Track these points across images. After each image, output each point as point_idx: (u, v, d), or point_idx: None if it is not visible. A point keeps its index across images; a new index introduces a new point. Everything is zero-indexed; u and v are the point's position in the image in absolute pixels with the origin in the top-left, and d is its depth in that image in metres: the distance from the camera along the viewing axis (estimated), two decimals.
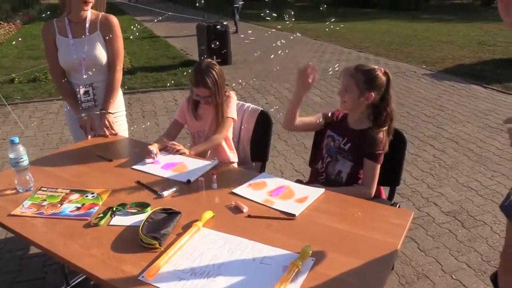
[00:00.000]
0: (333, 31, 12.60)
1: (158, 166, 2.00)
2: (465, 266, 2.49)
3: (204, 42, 7.78)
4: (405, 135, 2.12)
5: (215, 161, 2.03)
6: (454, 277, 2.40)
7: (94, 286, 2.40)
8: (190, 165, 2.00)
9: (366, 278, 1.26)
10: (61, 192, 1.76)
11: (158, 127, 4.90)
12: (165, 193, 1.73)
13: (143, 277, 1.25)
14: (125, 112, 2.62)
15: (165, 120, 5.10)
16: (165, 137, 2.28)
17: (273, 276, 1.24)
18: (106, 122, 2.36)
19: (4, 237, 2.80)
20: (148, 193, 1.76)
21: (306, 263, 1.29)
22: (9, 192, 1.78)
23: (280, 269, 1.27)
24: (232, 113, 2.32)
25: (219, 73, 2.22)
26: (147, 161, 2.04)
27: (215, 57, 7.70)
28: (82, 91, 2.37)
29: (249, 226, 1.51)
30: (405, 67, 7.84)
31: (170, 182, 1.84)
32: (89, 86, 2.38)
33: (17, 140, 1.76)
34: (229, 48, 8.16)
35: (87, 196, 1.72)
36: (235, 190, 1.75)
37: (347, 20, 15.24)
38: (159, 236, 1.39)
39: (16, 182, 1.79)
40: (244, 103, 2.55)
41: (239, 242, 1.41)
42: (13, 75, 6.98)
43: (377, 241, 1.41)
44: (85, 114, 2.36)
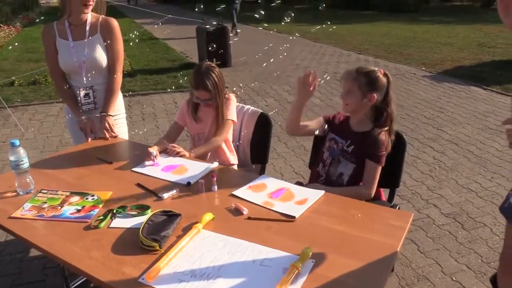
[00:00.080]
0: (332, 33, 12.63)
1: (158, 168, 2.01)
2: (465, 267, 2.49)
3: (204, 44, 7.79)
4: (405, 137, 2.13)
5: (215, 163, 2.03)
6: (454, 278, 2.40)
7: None
8: (190, 167, 2.01)
9: (366, 280, 1.26)
10: (61, 195, 1.76)
11: (158, 129, 4.91)
12: (165, 195, 1.73)
13: (143, 279, 1.25)
14: (125, 115, 2.63)
15: (165, 122, 5.10)
16: (165, 140, 2.28)
17: (273, 278, 1.24)
18: (106, 124, 2.37)
19: (4, 239, 2.80)
20: (148, 195, 1.76)
21: (306, 265, 1.29)
22: (9, 194, 1.78)
23: (280, 271, 1.27)
24: (232, 115, 2.33)
25: (219, 75, 2.23)
26: (147, 163, 2.04)
27: (214, 59, 7.73)
28: (82, 93, 2.37)
29: (249, 228, 1.51)
30: (404, 69, 7.85)
31: (170, 185, 1.84)
32: (89, 89, 2.39)
33: (17, 142, 1.76)
34: (229, 51, 8.17)
35: (87, 198, 1.72)
36: (235, 192, 1.75)
37: (346, 23, 15.28)
38: (159, 238, 1.39)
39: (16, 184, 1.79)
40: (244, 106, 2.56)
41: (239, 244, 1.41)
42: (13, 78, 6.99)
43: (377, 242, 1.41)
44: (85, 117, 2.37)
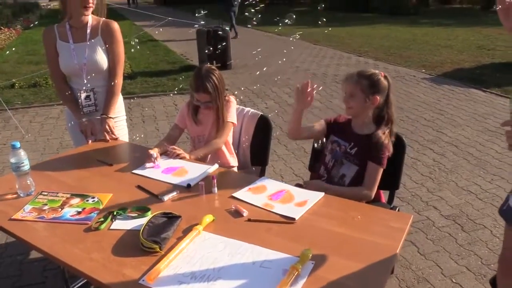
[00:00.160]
0: (332, 35, 12.65)
1: (159, 170, 2.01)
2: (465, 269, 2.49)
3: (204, 47, 7.80)
4: (405, 139, 2.14)
5: (215, 166, 2.04)
6: (454, 280, 2.40)
7: None
8: (190, 169, 2.01)
9: (365, 282, 1.26)
10: (61, 197, 1.76)
11: (158, 131, 4.91)
12: (165, 197, 1.74)
13: (143, 280, 1.26)
14: (125, 117, 2.63)
15: (165, 124, 5.11)
16: (165, 142, 2.29)
17: (273, 279, 1.25)
18: (107, 126, 2.38)
19: (4, 241, 2.80)
20: (149, 197, 1.77)
21: (306, 266, 1.29)
22: (10, 196, 1.79)
23: (280, 272, 1.28)
24: (232, 118, 2.33)
25: (219, 78, 2.24)
26: (147, 165, 2.05)
27: (215, 62, 7.74)
28: (83, 96, 2.38)
29: (249, 230, 1.52)
30: (404, 71, 7.86)
31: (171, 187, 1.85)
32: (90, 91, 2.39)
33: (18, 145, 1.77)
34: (229, 53, 8.18)
35: (87, 200, 1.73)
36: (235, 194, 1.76)
37: (346, 25, 15.30)
38: (159, 240, 1.40)
39: (17, 186, 1.80)
40: (244, 108, 2.56)
41: (239, 245, 1.42)
42: (14, 80, 7.00)
43: (377, 244, 1.42)
44: (85, 119, 2.38)
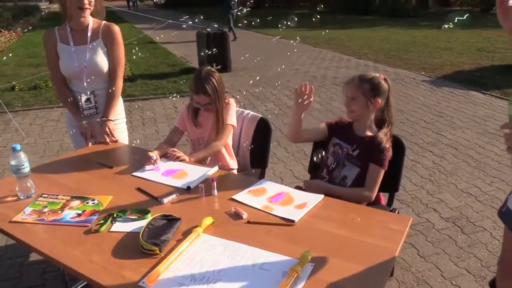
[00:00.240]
0: (332, 38, 12.67)
1: (159, 173, 2.02)
2: (464, 272, 2.49)
3: (204, 49, 7.82)
4: (405, 141, 2.14)
5: (215, 168, 2.04)
6: (454, 283, 2.40)
7: None
8: (190, 171, 2.02)
9: (365, 284, 1.26)
10: (62, 199, 1.77)
11: (158, 134, 4.92)
12: (165, 200, 1.74)
13: (143, 283, 1.26)
14: (125, 119, 2.64)
15: (165, 127, 5.11)
16: (165, 144, 2.29)
17: (272, 281, 1.25)
18: (107, 129, 2.38)
19: (4, 244, 2.80)
20: (149, 199, 1.77)
21: (305, 268, 1.30)
22: (10, 199, 1.79)
23: (280, 274, 1.28)
24: (232, 120, 2.34)
25: (218, 80, 2.25)
26: (147, 167, 2.05)
27: (214, 64, 7.74)
28: (83, 99, 2.39)
29: (249, 232, 1.52)
30: (404, 74, 7.88)
31: (170, 189, 1.85)
32: (90, 94, 2.40)
33: (18, 147, 1.77)
34: (229, 56, 8.19)
35: (87, 202, 1.73)
36: (235, 197, 1.76)
37: (346, 27, 15.33)
38: (159, 242, 1.40)
39: (17, 189, 1.80)
40: (244, 110, 2.57)
41: (239, 248, 1.42)
42: (14, 82, 7.01)
43: (376, 246, 1.42)
44: (85, 121, 2.38)
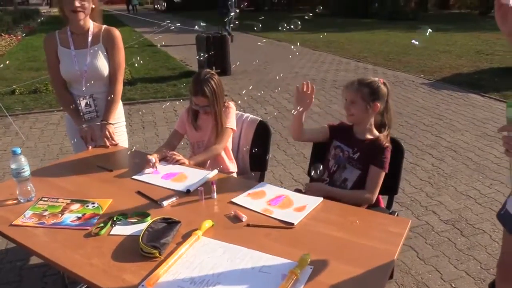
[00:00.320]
0: (331, 41, 12.70)
1: (158, 176, 2.02)
2: (464, 274, 2.49)
3: (204, 53, 7.83)
4: (404, 144, 2.15)
5: (215, 171, 2.05)
6: (453, 285, 2.41)
7: None
8: (189, 175, 2.02)
9: (364, 286, 1.27)
10: (62, 202, 1.77)
11: (157, 137, 4.92)
12: (165, 203, 1.74)
13: (143, 286, 1.26)
14: (125, 123, 2.65)
15: (165, 130, 5.12)
16: (165, 148, 2.30)
17: (272, 284, 1.26)
18: (107, 132, 2.39)
19: (4, 247, 2.80)
20: (148, 202, 1.77)
21: (304, 271, 1.30)
22: (10, 202, 1.80)
23: (279, 277, 1.28)
24: (232, 124, 2.35)
25: (217, 83, 2.25)
26: (146, 170, 2.06)
27: (214, 67, 7.77)
28: (83, 103, 2.40)
29: (248, 235, 1.53)
30: (403, 77, 7.89)
31: (170, 192, 1.85)
32: (89, 97, 2.41)
33: (19, 150, 1.78)
34: (228, 59, 8.21)
35: (87, 206, 1.74)
36: (234, 200, 1.77)
37: (345, 31, 15.37)
38: (159, 245, 1.41)
39: (17, 192, 1.80)
40: (243, 114, 2.58)
41: (238, 250, 1.42)
42: (14, 86, 7.02)
43: (375, 249, 1.43)
44: (86, 125, 2.39)
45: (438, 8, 25.30)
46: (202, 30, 8.27)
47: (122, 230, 1.56)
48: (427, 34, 1.95)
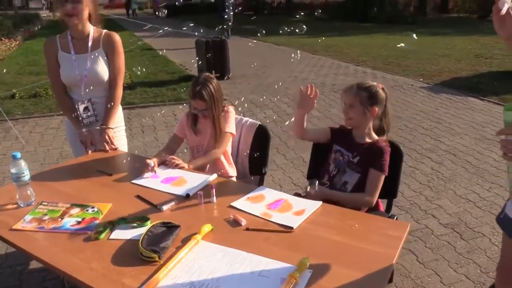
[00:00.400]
0: (330, 45, 12.73)
1: (158, 180, 2.03)
2: (464, 278, 2.49)
3: (203, 57, 7.86)
4: (403, 148, 2.17)
5: (214, 175, 2.05)
6: None
7: None
8: (189, 179, 2.03)
9: None
10: (61, 207, 1.77)
11: (157, 141, 4.93)
12: (164, 207, 1.75)
13: None
14: (124, 127, 2.65)
15: (165, 135, 5.13)
16: (164, 152, 2.30)
17: None
18: (106, 137, 2.40)
19: (4, 252, 2.80)
20: (148, 207, 1.78)
21: (303, 275, 1.30)
22: (10, 206, 1.80)
23: (278, 281, 1.29)
24: (231, 128, 2.35)
25: (215, 87, 2.26)
26: (146, 175, 2.06)
27: (213, 71, 7.78)
28: (81, 108, 2.40)
29: (248, 239, 1.53)
30: (402, 81, 7.91)
31: (170, 196, 1.86)
32: (88, 102, 2.42)
33: (19, 155, 1.78)
34: (228, 63, 8.23)
35: (87, 210, 1.74)
36: (234, 204, 1.77)
37: (344, 35, 15.41)
38: (158, 250, 1.41)
39: (17, 196, 1.81)
40: (243, 118, 2.59)
41: (238, 255, 1.43)
42: (14, 90, 7.02)
43: (374, 253, 1.43)
44: (85, 129, 2.40)
45: (437, 12, 25.38)
46: (202, 35, 8.29)
47: (121, 234, 1.56)
48: (413, 38, 1.97)
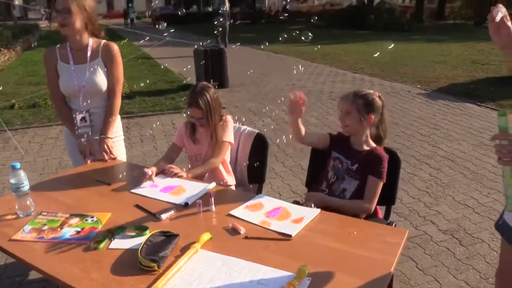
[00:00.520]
0: (328, 52, 12.80)
1: (157, 189, 2.03)
2: (463, 284, 2.49)
3: (201, 66, 7.89)
4: (401, 154, 2.18)
5: (213, 184, 2.06)
6: None
7: None
8: (188, 188, 2.03)
9: None
10: (61, 217, 1.78)
11: (156, 150, 4.94)
12: (163, 216, 1.75)
13: None
14: (123, 137, 2.66)
15: (163, 144, 5.13)
16: (163, 161, 2.31)
17: None
18: (105, 146, 2.40)
19: (3, 262, 2.79)
20: (147, 216, 1.78)
21: (302, 283, 1.31)
22: (9, 217, 1.80)
23: None
24: (229, 137, 2.36)
25: (212, 96, 2.28)
26: (144, 183, 2.07)
27: (212, 80, 7.81)
28: (79, 117, 2.41)
29: (246, 247, 1.54)
30: (399, 87, 7.95)
31: (168, 205, 1.86)
32: (86, 112, 2.43)
33: (18, 165, 1.79)
34: (226, 72, 8.26)
35: (86, 220, 1.74)
36: (232, 212, 1.78)
37: (342, 42, 15.51)
38: (157, 259, 1.41)
39: (16, 207, 1.81)
40: (241, 126, 2.60)
41: (237, 263, 1.43)
42: (13, 101, 7.05)
43: (373, 259, 1.44)
44: (84, 139, 2.40)
45: (433, 19, 25.56)
46: (203, 43, 8.34)
47: (121, 244, 1.57)
48: (390, 47, 2.00)
